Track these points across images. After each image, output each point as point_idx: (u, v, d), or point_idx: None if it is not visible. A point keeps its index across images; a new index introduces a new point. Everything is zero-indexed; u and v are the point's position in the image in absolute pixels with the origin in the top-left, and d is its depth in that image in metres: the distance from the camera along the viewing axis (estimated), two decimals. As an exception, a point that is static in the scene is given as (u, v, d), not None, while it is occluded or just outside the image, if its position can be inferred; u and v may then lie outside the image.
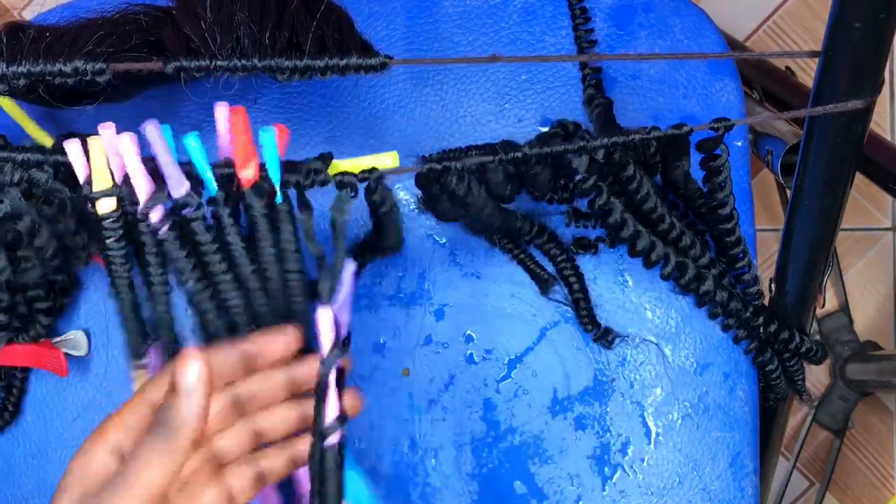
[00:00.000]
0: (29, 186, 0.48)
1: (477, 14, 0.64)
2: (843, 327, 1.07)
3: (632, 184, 0.51)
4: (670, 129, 0.47)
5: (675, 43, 0.63)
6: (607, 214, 0.51)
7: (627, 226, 0.52)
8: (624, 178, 0.50)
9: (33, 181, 0.48)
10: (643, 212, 0.53)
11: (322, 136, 0.63)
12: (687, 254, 0.56)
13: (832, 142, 0.45)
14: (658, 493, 0.61)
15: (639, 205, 0.52)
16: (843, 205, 0.50)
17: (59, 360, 0.60)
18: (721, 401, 0.62)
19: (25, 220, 0.49)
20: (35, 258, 0.51)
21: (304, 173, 0.48)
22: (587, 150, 0.47)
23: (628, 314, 0.62)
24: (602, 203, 0.50)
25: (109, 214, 0.48)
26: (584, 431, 0.62)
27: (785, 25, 1.11)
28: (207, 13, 0.48)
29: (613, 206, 0.51)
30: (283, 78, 0.48)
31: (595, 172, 0.49)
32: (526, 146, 0.48)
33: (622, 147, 0.48)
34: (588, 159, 0.48)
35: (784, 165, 0.69)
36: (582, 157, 0.48)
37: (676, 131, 0.47)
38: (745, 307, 0.58)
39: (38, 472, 0.62)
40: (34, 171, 0.48)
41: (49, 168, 0.48)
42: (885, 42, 0.39)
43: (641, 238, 0.53)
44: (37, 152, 0.48)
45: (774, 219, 1.09)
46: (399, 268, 0.62)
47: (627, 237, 0.53)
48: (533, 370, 0.62)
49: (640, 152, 0.51)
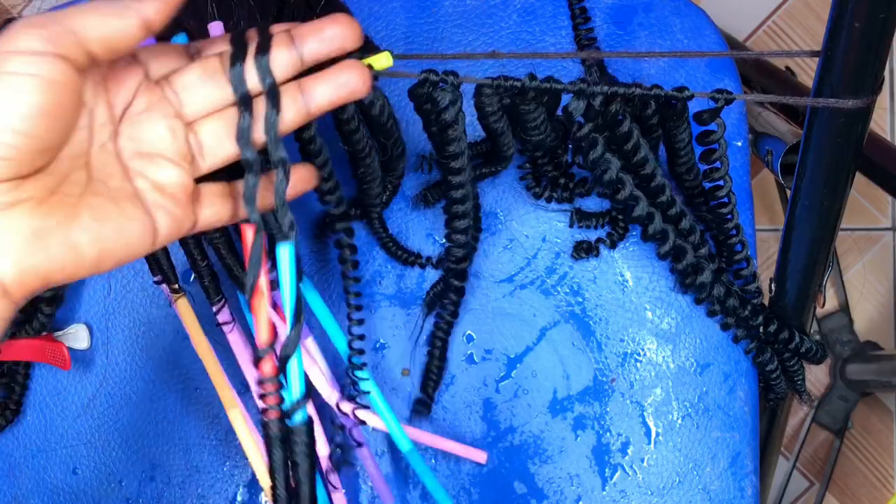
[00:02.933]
0: None
1: (477, 13, 0.64)
2: (843, 327, 1.07)
3: (628, 143, 0.50)
4: (672, 90, 0.47)
5: (675, 43, 0.63)
6: (603, 172, 0.50)
7: (625, 185, 0.51)
8: (620, 135, 0.50)
9: None
10: (641, 177, 0.52)
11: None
12: (686, 238, 0.55)
13: (832, 142, 0.45)
14: (658, 493, 0.61)
15: (636, 167, 0.51)
16: (843, 205, 0.50)
17: (61, 353, 0.60)
18: (721, 401, 0.62)
19: None
20: None
21: None
22: (585, 92, 0.47)
23: (628, 314, 0.62)
24: (596, 157, 0.49)
25: None
26: (583, 431, 0.62)
27: (785, 25, 1.11)
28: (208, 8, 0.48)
29: (609, 163, 0.50)
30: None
31: (591, 121, 0.48)
32: (525, 78, 0.47)
33: (621, 99, 0.48)
34: (585, 105, 0.47)
35: (784, 165, 0.69)
36: (579, 102, 0.47)
37: (677, 93, 0.47)
38: (744, 304, 0.58)
39: (38, 471, 0.62)
40: None
41: None
42: (885, 42, 0.39)
43: (640, 203, 0.52)
44: None
45: (774, 219, 1.10)
46: (399, 268, 0.62)
47: (624, 198, 0.52)
48: (533, 370, 0.62)
49: (638, 111, 0.50)
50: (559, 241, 0.62)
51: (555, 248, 0.62)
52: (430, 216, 0.62)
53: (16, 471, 0.63)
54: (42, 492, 0.62)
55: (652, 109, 0.50)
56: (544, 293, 0.62)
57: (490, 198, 0.62)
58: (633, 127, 0.49)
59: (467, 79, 0.46)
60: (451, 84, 0.46)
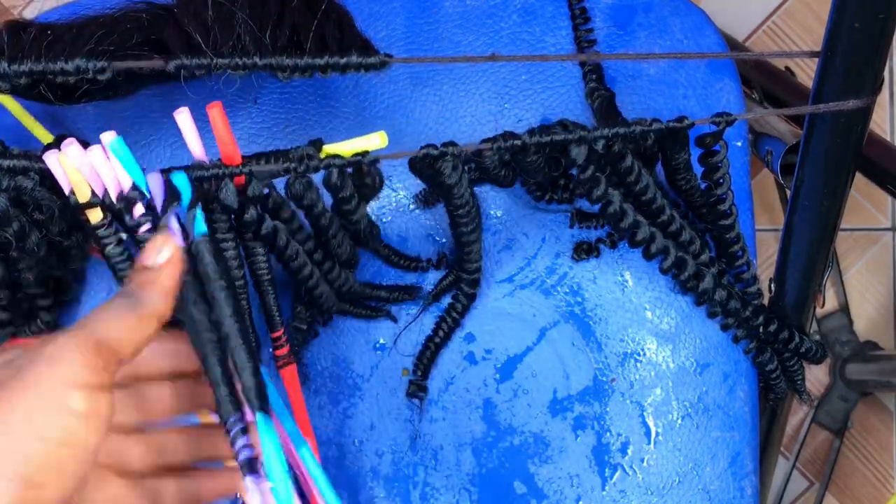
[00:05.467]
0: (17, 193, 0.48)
1: (477, 14, 0.64)
2: (842, 327, 1.07)
3: (630, 175, 0.50)
4: (671, 121, 0.47)
5: (675, 43, 0.63)
6: (606, 205, 0.51)
7: (627, 215, 0.52)
8: (622, 170, 0.50)
9: (20, 189, 0.47)
10: (642, 203, 0.53)
11: (322, 136, 0.63)
12: (686, 250, 0.56)
13: (832, 142, 0.45)
14: (658, 493, 0.61)
15: (637, 195, 0.52)
16: (843, 205, 0.50)
17: None
18: (721, 401, 0.62)
19: (14, 225, 0.49)
20: (28, 259, 0.51)
21: (297, 160, 0.48)
22: (586, 139, 0.47)
23: (628, 314, 0.62)
24: (600, 194, 0.50)
25: (101, 223, 0.47)
26: (583, 431, 0.62)
27: (785, 25, 1.11)
28: (209, 11, 0.48)
29: (612, 197, 0.50)
30: (284, 76, 0.48)
31: (593, 163, 0.49)
32: (525, 135, 0.47)
33: (622, 138, 0.48)
34: (587, 150, 0.48)
35: (784, 165, 0.69)
36: (581, 148, 0.47)
37: (678, 124, 0.47)
38: (745, 306, 0.58)
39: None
40: (20, 178, 0.47)
41: (35, 175, 0.47)
42: (885, 42, 0.39)
43: (641, 228, 0.52)
44: (23, 159, 0.47)
45: (774, 219, 1.09)
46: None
47: (627, 227, 0.52)
48: (533, 370, 0.62)
49: (639, 144, 0.50)
50: (559, 242, 0.62)
51: (555, 248, 0.62)
52: (431, 216, 0.62)
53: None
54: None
55: (652, 140, 0.51)
56: (544, 293, 0.62)
57: (490, 198, 0.62)
58: (635, 161, 0.50)
59: (468, 147, 0.47)
60: (452, 155, 0.46)
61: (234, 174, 0.47)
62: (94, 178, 0.45)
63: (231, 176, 0.47)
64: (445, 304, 0.62)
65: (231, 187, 0.47)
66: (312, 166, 0.47)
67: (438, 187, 0.50)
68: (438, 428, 0.62)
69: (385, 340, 0.62)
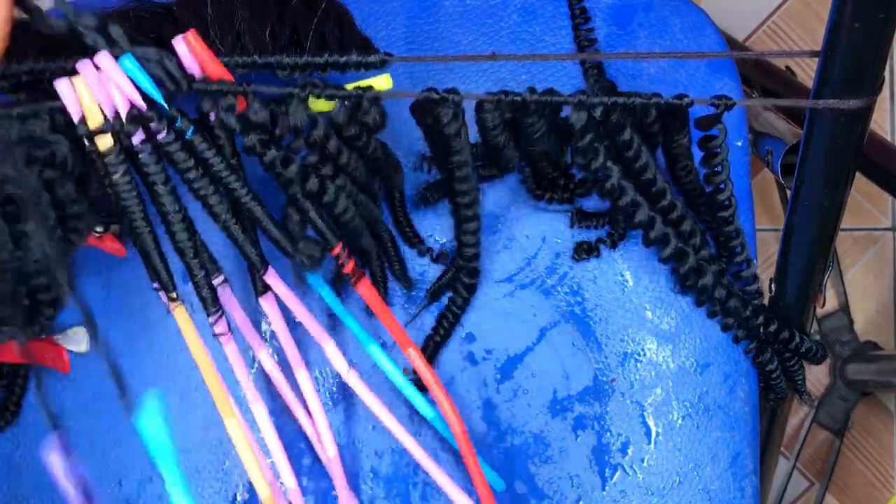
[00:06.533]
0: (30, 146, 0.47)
1: (477, 13, 0.64)
2: (843, 327, 1.07)
3: (629, 150, 0.50)
4: (672, 97, 0.47)
5: (675, 42, 0.63)
6: (605, 180, 0.51)
7: (626, 192, 0.51)
8: (621, 143, 0.50)
9: (33, 140, 0.47)
10: (642, 183, 0.52)
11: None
12: (687, 241, 0.55)
13: (832, 142, 0.45)
14: (658, 493, 0.61)
15: (637, 174, 0.52)
16: (843, 205, 0.50)
17: (60, 356, 0.60)
18: (721, 401, 0.62)
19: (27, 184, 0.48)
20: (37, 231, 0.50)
21: (301, 86, 0.47)
22: (585, 104, 0.47)
23: (628, 314, 0.62)
24: (598, 165, 0.49)
25: (110, 150, 0.47)
26: (583, 431, 0.62)
27: (785, 25, 1.11)
28: (208, 10, 0.48)
29: (610, 171, 0.50)
30: (284, 74, 0.48)
31: (592, 131, 0.48)
32: (526, 92, 0.47)
33: (621, 108, 0.48)
34: (586, 116, 0.47)
35: (784, 165, 0.69)
36: (580, 113, 0.47)
37: (677, 101, 0.47)
38: (745, 306, 0.58)
39: (38, 471, 0.62)
40: (31, 122, 0.47)
41: (46, 116, 0.47)
42: (885, 42, 0.39)
43: (640, 209, 0.52)
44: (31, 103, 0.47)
45: (774, 219, 1.10)
46: (399, 267, 0.62)
47: (625, 205, 0.52)
48: (533, 370, 0.62)
49: (639, 118, 0.50)
50: (559, 241, 0.62)
51: (555, 248, 0.62)
52: (431, 216, 0.62)
53: (16, 471, 0.63)
54: (42, 492, 0.62)
55: (653, 117, 0.50)
56: (544, 293, 0.62)
57: (490, 197, 0.62)
58: (634, 135, 0.49)
59: (468, 95, 0.47)
60: (453, 101, 0.46)
61: (235, 92, 0.46)
62: (105, 101, 0.46)
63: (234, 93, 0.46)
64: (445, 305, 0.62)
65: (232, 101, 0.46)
66: (315, 93, 0.47)
67: (438, 138, 0.49)
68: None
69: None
